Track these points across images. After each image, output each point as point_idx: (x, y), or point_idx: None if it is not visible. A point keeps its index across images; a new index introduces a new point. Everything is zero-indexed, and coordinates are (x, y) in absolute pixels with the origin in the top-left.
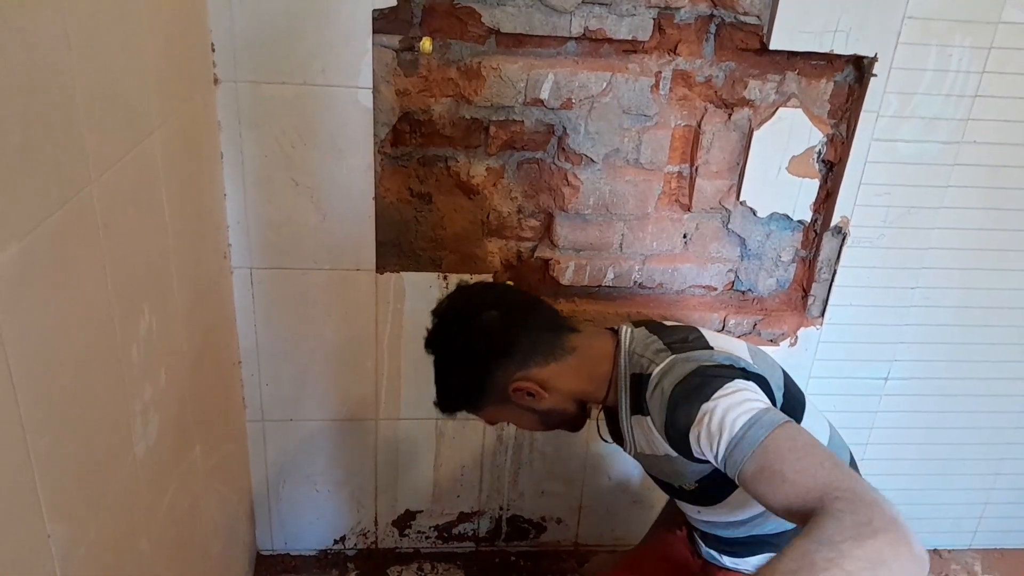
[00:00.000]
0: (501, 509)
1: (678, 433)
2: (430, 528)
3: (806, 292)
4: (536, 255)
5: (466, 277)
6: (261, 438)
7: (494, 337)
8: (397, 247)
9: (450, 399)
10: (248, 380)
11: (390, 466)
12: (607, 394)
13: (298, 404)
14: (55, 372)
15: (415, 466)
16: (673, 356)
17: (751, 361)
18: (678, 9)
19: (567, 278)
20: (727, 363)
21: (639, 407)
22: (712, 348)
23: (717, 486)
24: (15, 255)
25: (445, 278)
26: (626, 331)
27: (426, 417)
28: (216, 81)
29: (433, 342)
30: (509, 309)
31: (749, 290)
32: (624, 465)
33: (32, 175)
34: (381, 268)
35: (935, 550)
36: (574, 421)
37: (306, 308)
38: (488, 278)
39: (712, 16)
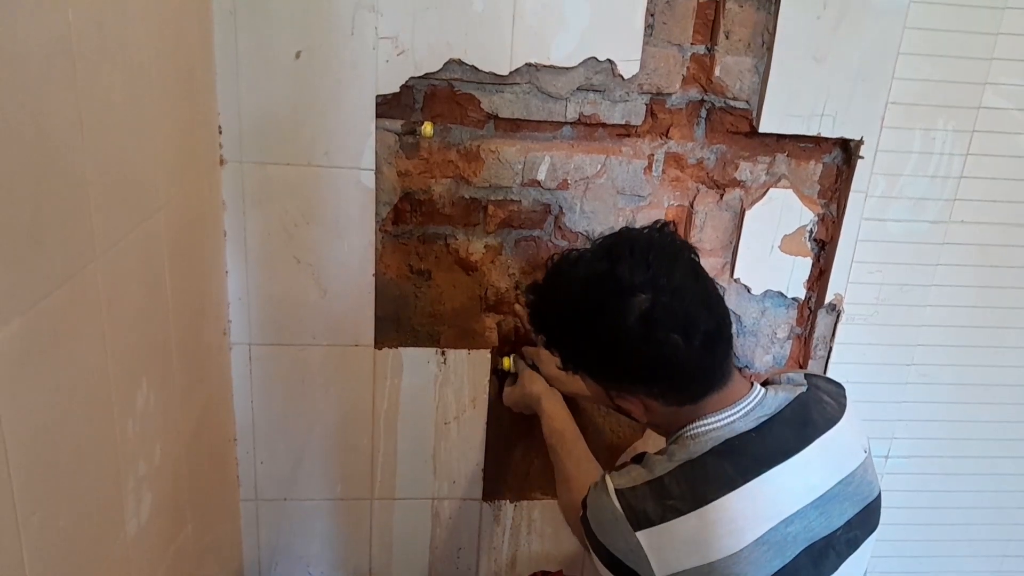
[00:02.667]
0: None
1: None
2: None
3: (802, 366)
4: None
5: (464, 352)
6: (254, 518)
7: (647, 353)
8: (396, 322)
9: (547, 332)
10: (243, 458)
11: (384, 548)
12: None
13: (293, 483)
14: (50, 448)
15: (410, 548)
16: (605, 486)
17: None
18: (670, 95)
19: None
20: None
21: None
22: (648, 519)
23: None
24: (17, 330)
25: (443, 353)
26: (740, 407)
27: (421, 497)
28: (222, 162)
29: (568, 289)
30: (691, 330)
31: (746, 367)
32: None
33: (39, 252)
34: (379, 343)
35: None
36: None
37: (303, 384)
38: (486, 354)
39: (703, 101)
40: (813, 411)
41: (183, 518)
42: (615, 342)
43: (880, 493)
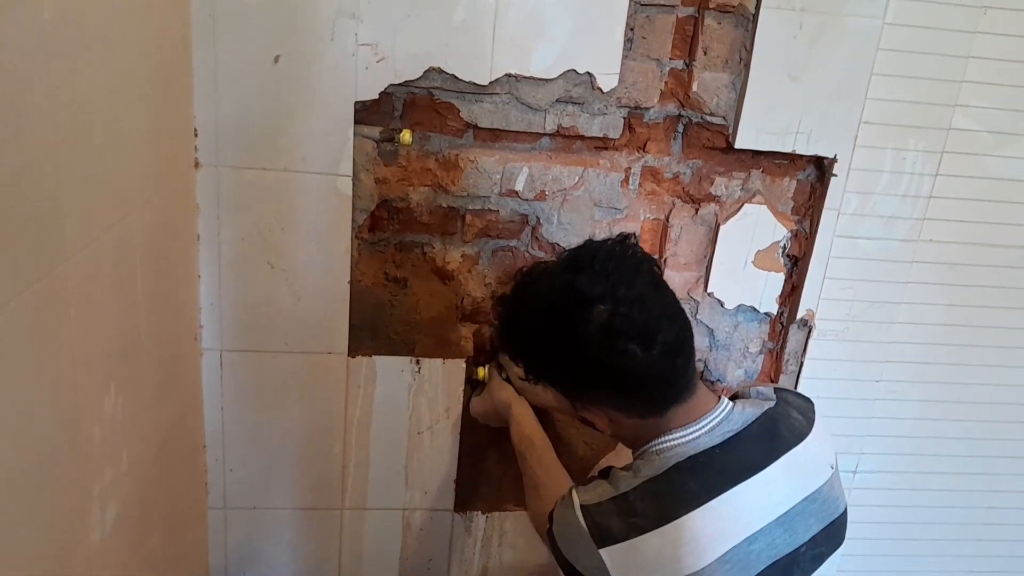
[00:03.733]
0: None
1: None
2: None
3: (774, 380)
4: None
5: (439, 362)
6: (223, 526)
7: (607, 363)
8: (371, 330)
9: (512, 343)
10: (213, 465)
11: (355, 558)
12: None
13: (263, 491)
14: (13, 452)
15: (381, 558)
16: (571, 499)
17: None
18: (647, 109)
19: None
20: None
21: None
22: (609, 534)
23: None
24: None
25: (418, 362)
26: (706, 422)
27: (393, 508)
28: (197, 165)
29: (531, 290)
30: (650, 340)
31: (718, 380)
32: None
33: (8, 252)
34: (353, 351)
35: None
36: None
37: (275, 392)
38: (461, 363)
39: (680, 116)
40: (781, 426)
41: (150, 526)
42: (577, 352)
43: (846, 509)
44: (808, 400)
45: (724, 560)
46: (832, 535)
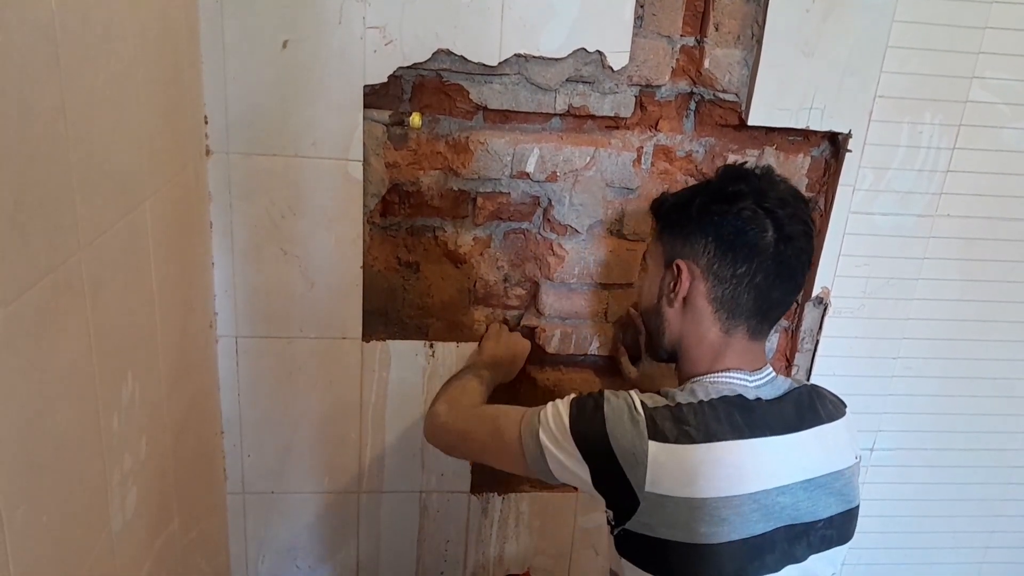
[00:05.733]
0: None
1: None
2: None
3: (789, 362)
4: (522, 323)
5: (452, 345)
6: (241, 511)
7: (741, 219)
8: (384, 315)
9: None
10: (230, 451)
11: (372, 541)
12: (678, 368)
13: (280, 476)
14: (34, 442)
15: (398, 541)
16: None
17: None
18: (659, 87)
19: (553, 346)
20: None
21: None
22: (663, 435)
23: None
24: (0, 322)
25: (431, 346)
26: (759, 377)
27: (409, 490)
28: (208, 152)
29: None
30: (785, 237)
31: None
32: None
33: (22, 242)
34: (367, 336)
35: None
36: (655, 335)
37: (290, 377)
38: (475, 346)
39: (692, 93)
40: (816, 403)
41: (169, 512)
42: (723, 197)
43: (859, 505)
44: (843, 400)
45: (753, 499)
46: (845, 524)
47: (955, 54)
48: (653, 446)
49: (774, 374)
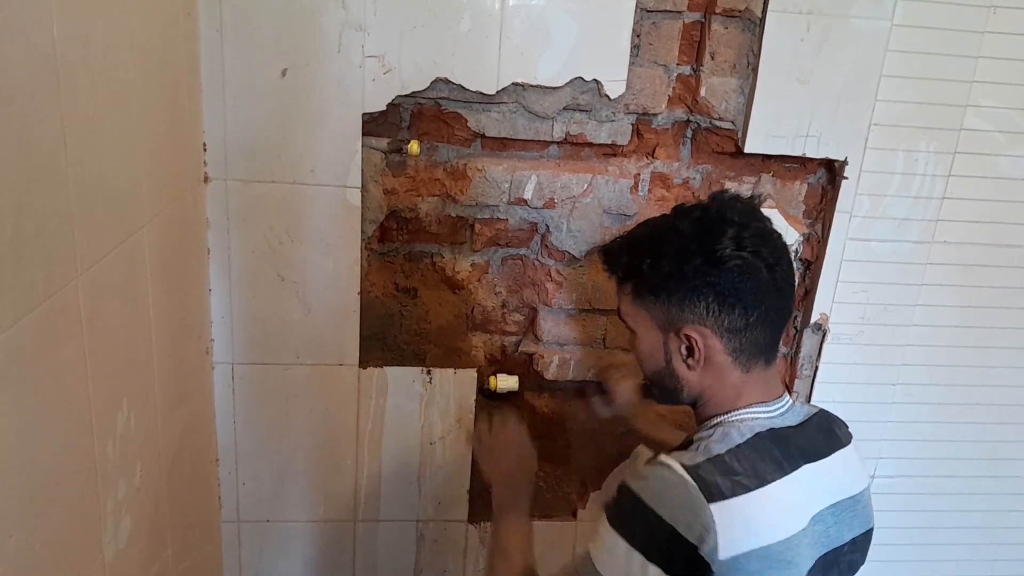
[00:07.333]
0: None
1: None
2: None
3: (789, 389)
4: (520, 349)
5: (450, 371)
6: (236, 540)
7: (733, 264)
8: (381, 341)
9: (628, 255)
10: (225, 479)
11: (369, 570)
12: (698, 409)
13: (276, 504)
14: (28, 468)
15: (395, 570)
16: (667, 461)
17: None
18: (656, 115)
19: (551, 372)
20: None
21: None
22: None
23: None
24: None
25: (429, 373)
26: (779, 406)
27: (406, 519)
28: (206, 179)
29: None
30: (773, 265)
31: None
32: None
33: (20, 268)
34: (364, 363)
35: None
36: (670, 392)
37: (286, 404)
38: (472, 373)
39: (688, 121)
40: (834, 426)
41: (163, 541)
42: (705, 260)
43: (874, 527)
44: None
45: (804, 533)
46: (864, 546)
47: (949, 83)
48: (715, 509)
49: (791, 400)
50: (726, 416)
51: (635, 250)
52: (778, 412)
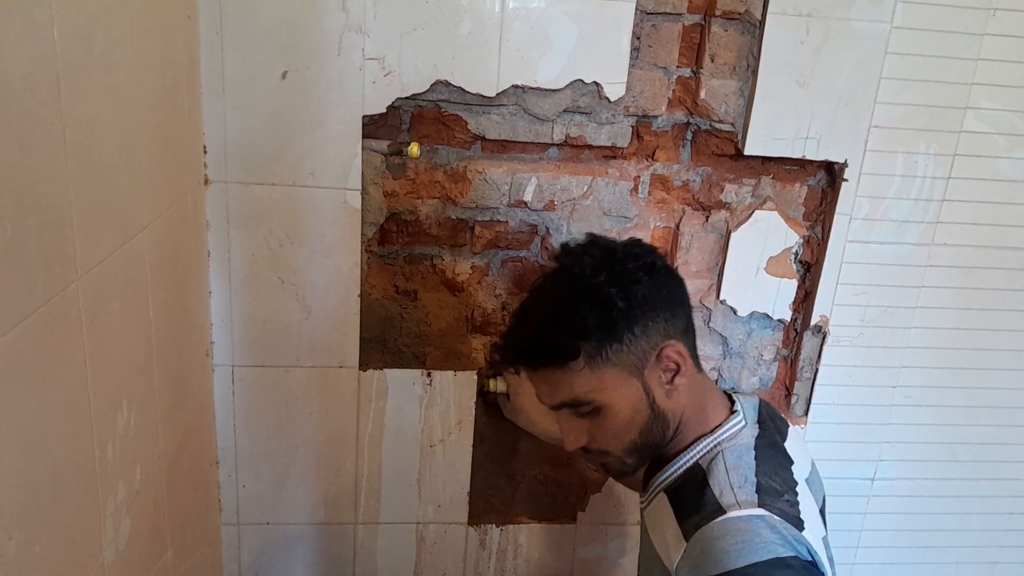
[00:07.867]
0: None
1: None
2: None
3: (789, 391)
4: None
5: (450, 374)
6: (236, 542)
7: (646, 293)
8: (381, 343)
9: (567, 327)
10: (225, 481)
11: (368, 573)
12: (675, 440)
13: (275, 507)
14: (28, 470)
15: (395, 573)
16: (751, 514)
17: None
18: (655, 117)
19: None
20: (798, 561)
21: (682, 507)
22: (801, 519)
23: None
24: None
25: (429, 375)
26: (741, 411)
27: (406, 521)
28: (206, 182)
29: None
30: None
31: (733, 389)
32: (612, 574)
33: (20, 271)
34: (364, 365)
35: None
36: (656, 443)
37: (286, 406)
38: (472, 375)
39: (688, 124)
40: (774, 412)
41: (163, 543)
42: (644, 269)
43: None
44: None
45: (816, 516)
46: (824, 516)
47: (948, 85)
48: (807, 536)
49: (738, 399)
50: (707, 441)
51: (563, 318)
52: (743, 418)
